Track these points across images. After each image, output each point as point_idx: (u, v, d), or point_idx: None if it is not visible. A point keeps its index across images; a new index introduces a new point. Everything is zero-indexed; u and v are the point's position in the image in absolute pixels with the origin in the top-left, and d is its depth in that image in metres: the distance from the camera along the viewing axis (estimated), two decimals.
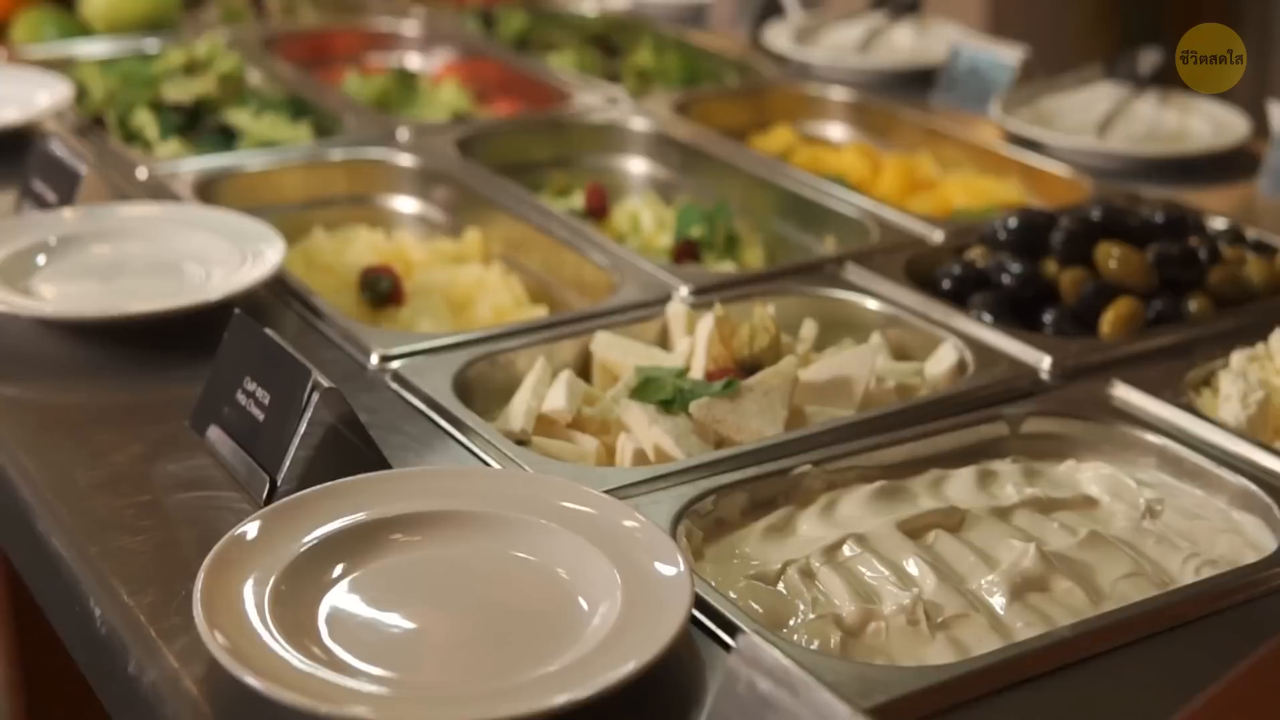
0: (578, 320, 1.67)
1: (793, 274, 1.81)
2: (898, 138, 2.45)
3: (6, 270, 1.70)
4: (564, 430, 1.49)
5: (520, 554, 1.19)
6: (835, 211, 2.05)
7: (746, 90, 2.57)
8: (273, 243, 1.73)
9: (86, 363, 1.60)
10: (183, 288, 1.69)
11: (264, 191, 2.12)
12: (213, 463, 1.39)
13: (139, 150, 2.25)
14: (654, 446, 1.43)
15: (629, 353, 1.61)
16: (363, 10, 3.04)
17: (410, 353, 1.58)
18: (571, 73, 2.63)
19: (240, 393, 1.39)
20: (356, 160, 2.17)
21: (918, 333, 1.68)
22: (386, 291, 1.85)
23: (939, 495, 1.38)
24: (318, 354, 1.60)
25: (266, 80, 2.52)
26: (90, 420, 1.47)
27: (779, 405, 1.47)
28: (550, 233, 1.94)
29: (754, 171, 2.19)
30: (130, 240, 1.79)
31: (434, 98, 2.55)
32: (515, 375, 1.59)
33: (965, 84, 2.46)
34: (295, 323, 1.68)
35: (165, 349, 1.62)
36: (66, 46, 2.64)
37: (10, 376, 1.58)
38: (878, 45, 2.71)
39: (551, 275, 1.93)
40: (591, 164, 2.35)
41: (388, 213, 2.17)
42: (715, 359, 1.55)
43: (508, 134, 2.31)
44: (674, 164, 2.30)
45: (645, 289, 1.75)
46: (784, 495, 1.37)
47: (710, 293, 1.74)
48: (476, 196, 2.08)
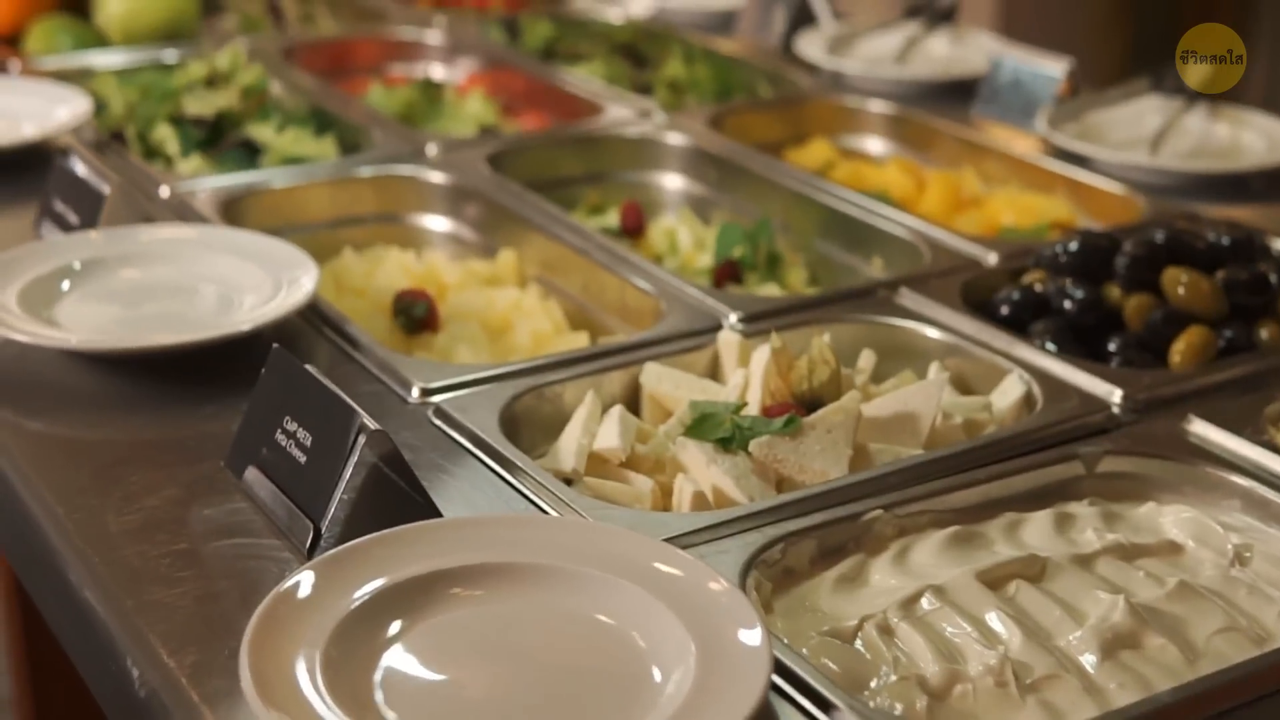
0: (625, 350, 1.60)
1: (845, 299, 1.74)
2: (938, 152, 2.38)
3: (30, 297, 1.63)
4: (617, 470, 1.43)
5: (587, 612, 1.12)
6: (881, 231, 1.98)
7: (782, 102, 2.50)
8: (306, 268, 1.66)
9: (114, 395, 1.53)
10: (213, 317, 1.62)
11: (289, 210, 2.05)
12: (251, 506, 1.32)
13: (160, 167, 2.18)
14: (713, 487, 1.37)
15: (680, 385, 1.54)
16: (382, 19, 2.97)
17: (452, 385, 1.51)
18: (600, 84, 2.55)
19: (280, 433, 1.32)
20: (385, 177, 2.10)
21: (978, 362, 1.62)
22: (421, 317, 1.78)
23: (1016, 541, 1.31)
24: (355, 387, 1.53)
25: (287, 92, 2.45)
26: (120, 459, 1.40)
27: (843, 444, 1.40)
28: (588, 254, 1.87)
29: (794, 188, 2.12)
30: (157, 264, 1.72)
31: (460, 110, 2.48)
32: (563, 409, 1.53)
33: (1007, 96, 2.39)
34: (330, 352, 1.61)
35: (195, 380, 1.55)
36: (82, 57, 2.57)
37: (35, 409, 1.51)
38: (913, 55, 2.64)
39: (591, 299, 1.86)
40: (625, 180, 2.28)
41: (417, 231, 2.11)
42: (773, 393, 1.49)
43: (539, 149, 2.24)
44: (710, 180, 2.23)
45: (692, 316, 1.68)
46: (854, 542, 1.30)
47: (760, 320, 1.67)
48: (509, 215, 2.01)
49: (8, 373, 1.57)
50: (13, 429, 1.47)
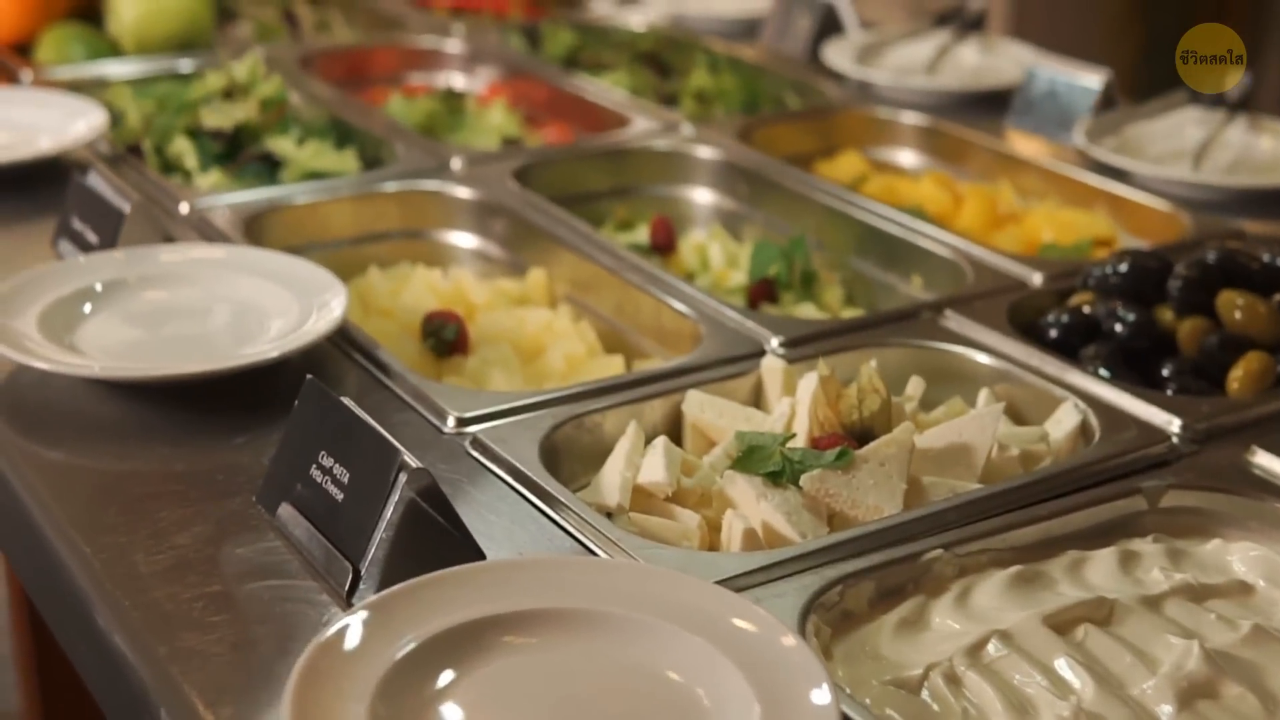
0: (666, 377, 1.55)
1: (888, 322, 1.69)
2: (972, 165, 2.33)
3: (50, 321, 1.58)
4: (662, 504, 1.38)
5: (649, 665, 1.07)
6: (920, 249, 1.93)
7: (811, 114, 2.45)
8: (335, 291, 1.61)
9: (138, 423, 1.48)
10: (240, 342, 1.57)
11: (312, 226, 2.00)
12: (285, 545, 1.27)
13: (178, 181, 2.13)
14: (763, 523, 1.32)
15: (724, 414, 1.49)
16: (399, 26, 2.92)
17: (489, 415, 1.46)
18: (624, 94, 2.50)
19: (315, 468, 1.27)
20: (410, 192, 2.05)
21: (1029, 389, 1.57)
22: (452, 339, 1.73)
23: (1081, 581, 1.26)
24: (387, 416, 1.48)
25: (305, 102, 2.40)
26: (148, 493, 1.35)
27: (897, 478, 1.35)
28: (620, 274, 1.82)
29: (828, 203, 2.07)
30: (181, 286, 1.67)
31: (482, 121, 2.43)
32: (603, 439, 1.48)
33: (1042, 108, 2.34)
34: (360, 379, 1.56)
35: (222, 408, 1.50)
36: (95, 67, 2.52)
37: (56, 439, 1.46)
38: (943, 65, 2.59)
39: (625, 320, 1.81)
40: (653, 194, 2.23)
41: (443, 248, 2.05)
42: (822, 424, 1.44)
43: (566, 163, 2.19)
44: (741, 195, 2.18)
45: (732, 340, 1.63)
46: (913, 583, 1.25)
47: (802, 344, 1.62)
48: (537, 231, 1.96)
49: (28, 400, 1.52)
50: (34, 460, 1.42)
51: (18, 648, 3.49)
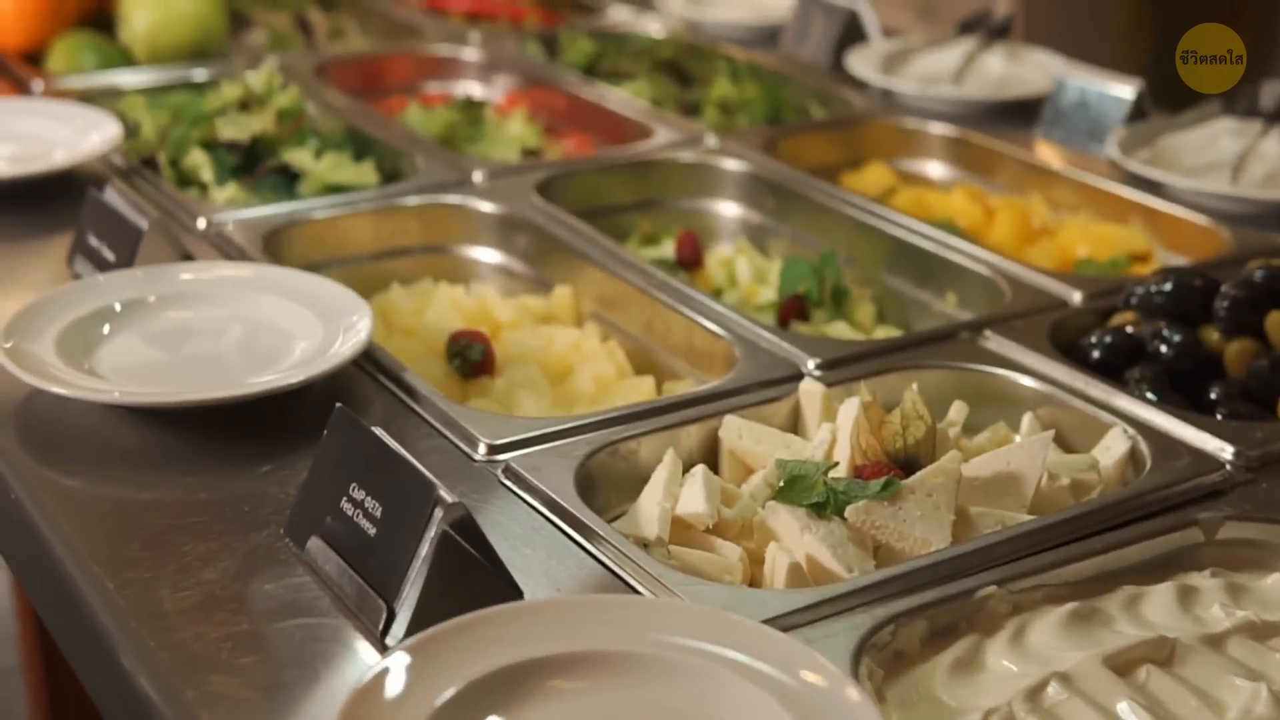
0: (701, 401, 1.51)
1: (926, 343, 1.65)
2: (1001, 177, 2.29)
3: (68, 343, 1.54)
4: (702, 536, 1.33)
5: (698, 710, 1.02)
6: (953, 264, 1.89)
7: (837, 124, 2.40)
8: (360, 313, 1.57)
9: (159, 450, 1.44)
10: (264, 365, 1.53)
11: (332, 241, 1.96)
12: (315, 581, 1.23)
13: (194, 195, 2.09)
14: (807, 557, 1.27)
15: (762, 441, 1.45)
16: (415, 33, 2.87)
17: (521, 441, 1.42)
18: (645, 104, 2.46)
19: (346, 501, 1.23)
20: (432, 206, 2.00)
21: (1074, 413, 1.52)
22: (478, 360, 1.69)
23: (1139, 619, 1.22)
24: (416, 443, 1.44)
25: (321, 112, 2.35)
26: (171, 525, 1.31)
27: (945, 509, 1.31)
28: (649, 292, 1.78)
29: (857, 217, 2.02)
30: (201, 306, 1.63)
31: (502, 131, 2.38)
32: (637, 466, 1.43)
33: (1073, 118, 2.30)
34: (386, 403, 1.52)
35: (246, 434, 1.45)
36: (107, 77, 2.47)
37: (75, 466, 1.41)
38: (969, 74, 2.55)
39: (654, 340, 1.77)
40: (677, 207, 2.19)
41: (465, 263, 2.01)
42: (865, 451, 1.39)
43: (590, 175, 2.15)
44: (768, 208, 2.13)
45: (767, 362, 1.58)
46: (966, 621, 1.21)
47: (839, 367, 1.58)
48: (562, 247, 1.91)
49: (45, 424, 1.48)
50: (52, 487, 1.38)
51: (26, 660, 3.46)
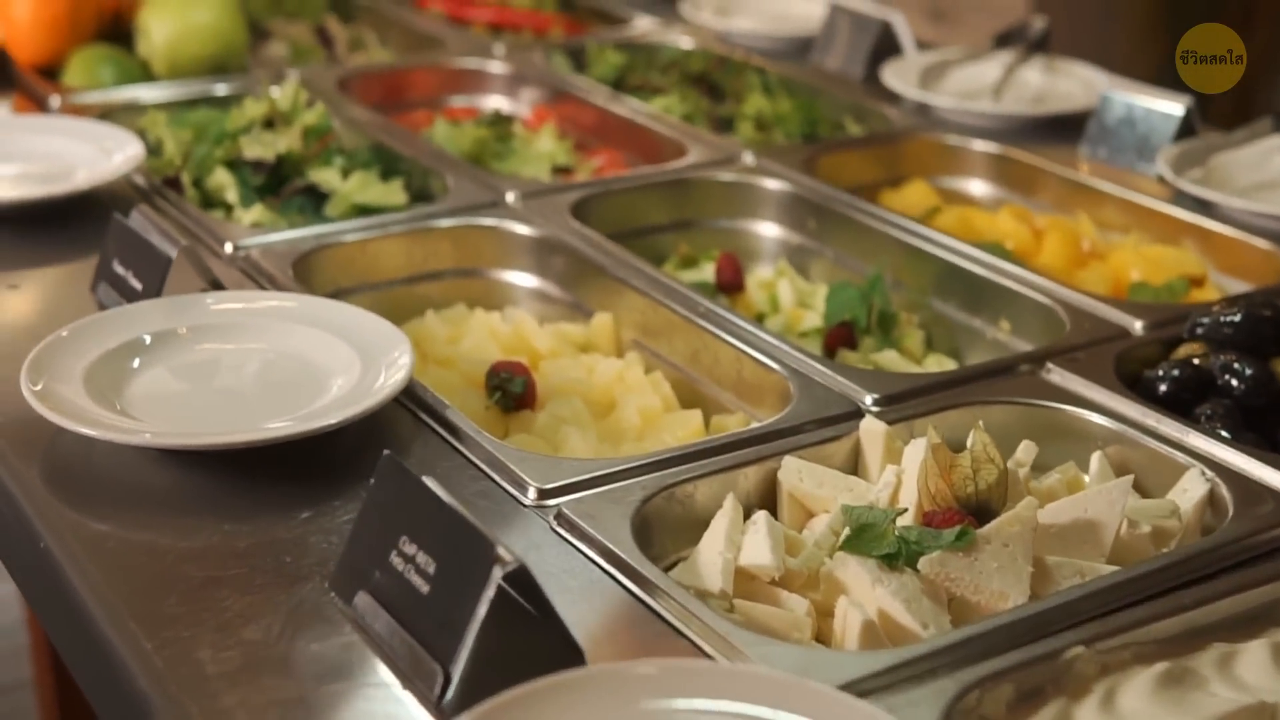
0: (757, 440, 1.44)
1: (987, 376, 1.59)
2: (1045, 195, 2.22)
3: (96, 378, 1.47)
4: (767, 589, 1.27)
5: None
6: (1005, 289, 1.83)
7: (876, 140, 2.34)
8: (400, 347, 1.50)
9: (193, 493, 1.37)
10: (300, 402, 1.46)
11: (363, 265, 1.90)
12: (364, 639, 1.17)
13: (219, 216, 2.03)
14: (879, 611, 1.21)
15: (824, 483, 1.39)
16: (437, 45, 2.81)
17: (573, 485, 1.36)
18: (676, 120, 2.39)
19: (395, 555, 1.17)
20: (465, 229, 1.94)
21: (1144, 451, 1.46)
22: (519, 393, 1.62)
23: (1234, 680, 1.15)
24: (462, 485, 1.38)
25: (345, 128, 2.28)
26: (210, 577, 1.25)
27: (1022, 560, 1.24)
28: (694, 321, 1.71)
29: (903, 239, 1.96)
30: (235, 338, 1.57)
31: (531, 148, 2.32)
32: (694, 510, 1.37)
33: (1119, 135, 2.23)
34: (428, 443, 1.45)
35: (283, 476, 1.39)
36: (127, 92, 2.41)
37: (106, 511, 1.35)
38: (1007, 88, 2.49)
39: (700, 371, 1.71)
40: (714, 227, 2.12)
41: (499, 287, 1.95)
42: (933, 496, 1.33)
43: (625, 195, 2.08)
44: (809, 229, 2.07)
45: (824, 397, 1.52)
46: (1053, 684, 1.14)
47: (898, 402, 1.52)
48: (600, 271, 1.85)
49: (74, 465, 1.42)
50: (82, 534, 1.31)
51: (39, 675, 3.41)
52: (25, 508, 1.35)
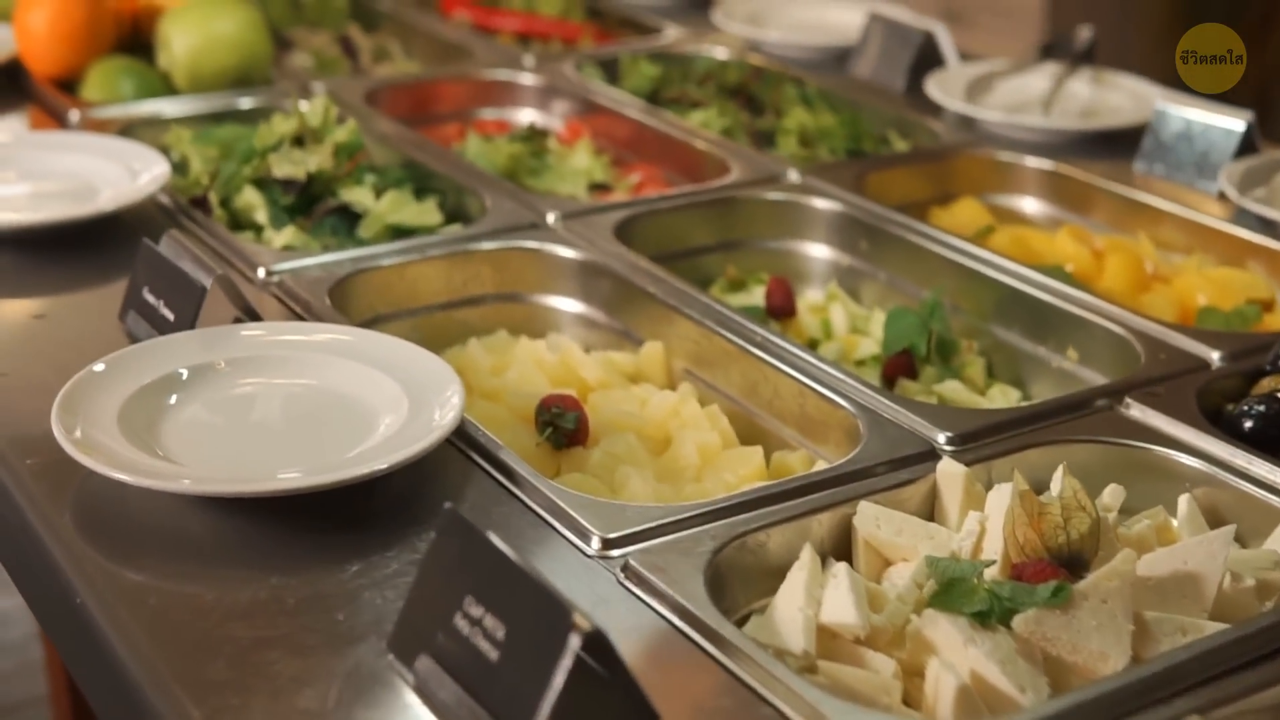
0: (829, 484, 1.37)
1: (1061, 412, 1.51)
2: (1100, 214, 2.15)
3: (131, 416, 1.40)
4: (851, 648, 1.20)
5: None
6: (1072, 315, 1.75)
7: (925, 156, 2.26)
8: (450, 385, 1.43)
9: (236, 541, 1.30)
10: (347, 443, 1.39)
11: (400, 291, 1.82)
12: (427, 708, 1.09)
13: (249, 238, 1.95)
14: (972, 674, 1.14)
15: (902, 531, 1.31)
16: (463, 54, 2.73)
17: (639, 534, 1.28)
18: (715, 134, 2.32)
19: (460, 617, 1.09)
20: (506, 252, 1.86)
21: (1234, 493, 1.39)
22: (572, 430, 1.55)
23: None
24: (520, 532, 1.30)
25: (374, 143, 2.20)
26: (259, 638, 1.17)
27: (1122, 617, 1.17)
28: (750, 351, 1.64)
29: (959, 260, 1.88)
30: (274, 372, 1.49)
31: (567, 164, 2.24)
32: (765, 559, 1.30)
33: (1177, 151, 2.16)
34: (482, 486, 1.38)
35: (329, 524, 1.32)
36: (149, 106, 2.33)
37: (145, 561, 1.28)
38: (1057, 102, 2.41)
39: (758, 404, 1.63)
40: (760, 248, 2.05)
41: (541, 313, 1.87)
42: (1023, 547, 1.26)
43: (669, 215, 2.01)
44: (861, 250, 1.99)
45: (895, 435, 1.45)
46: None
47: (974, 442, 1.44)
48: (648, 296, 1.77)
49: (105, 507, 1.34)
50: (122, 590, 1.24)
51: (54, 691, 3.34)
52: (59, 558, 1.28)
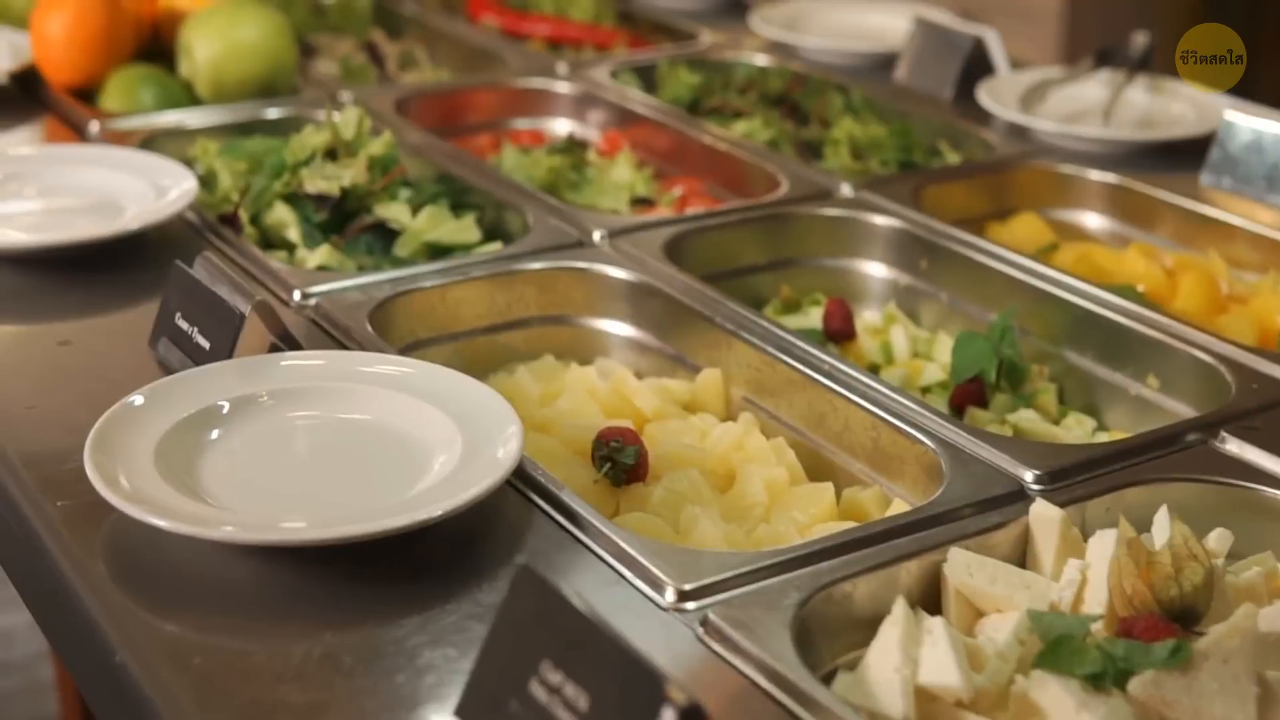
0: (915, 528, 1.28)
1: (1153, 447, 1.42)
2: (1167, 230, 2.06)
3: (169, 455, 1.31)
4: (951, 710, 1.11)
5: None
6: (1150, 339, 1.66)
7: (983, 169, 2.16)
8: (509, 425, 1.34)
9: (280, 591, 1.22)
10: (398, 485, 1.30)
11: (443, 314, 1.73)
12: None
13: (282, 258, 1.86)
14: None
15: (997, 580, 1.23)
16: (492, 60, 2.65)
17: (717, 584, 1.20)
18: (761, 146, 2.23)
19: (537, 683, 1.01)
20: (553, 272, 1.78)
21: None
22: (632, 465, 1.46)
23: None
24: (588, 584, 1.22)
25: (406, 155, 2.10)
26: (313, 702, 1.08)
27: (1245, 679, 1.08)
28: (816, 379, 1.55)
29: (1027, 281, 1.79)
30: (320, 405, 1.40)
31: (608, 178, 2.15)
32: (850, 611, 1.21)
33: (1246, 164, 2.07)
34: (541, 529, 1.29)
35: (379, 573, 1.23)
36: (172, 117, 2.24)
37: (187, 615, 1.19)
38: (1116, 111, 2.32)
39: (825, 436, 1.54)
40: (816, 266, 1.96)
41: (588, 336, 1.78)
42: (1131, 600, 1.17)
43: (721, 232, 1.92)
44: (920, 269, 1.90)
45: (980, 473, 1.36)
46: None
47: (1064, 480, 1.35)
48: (703, 319, 1.68)
49: (140, 554, 1.25)
50: (166, 648, 1.15)
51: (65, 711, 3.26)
52: (94, 613, 1.19)
